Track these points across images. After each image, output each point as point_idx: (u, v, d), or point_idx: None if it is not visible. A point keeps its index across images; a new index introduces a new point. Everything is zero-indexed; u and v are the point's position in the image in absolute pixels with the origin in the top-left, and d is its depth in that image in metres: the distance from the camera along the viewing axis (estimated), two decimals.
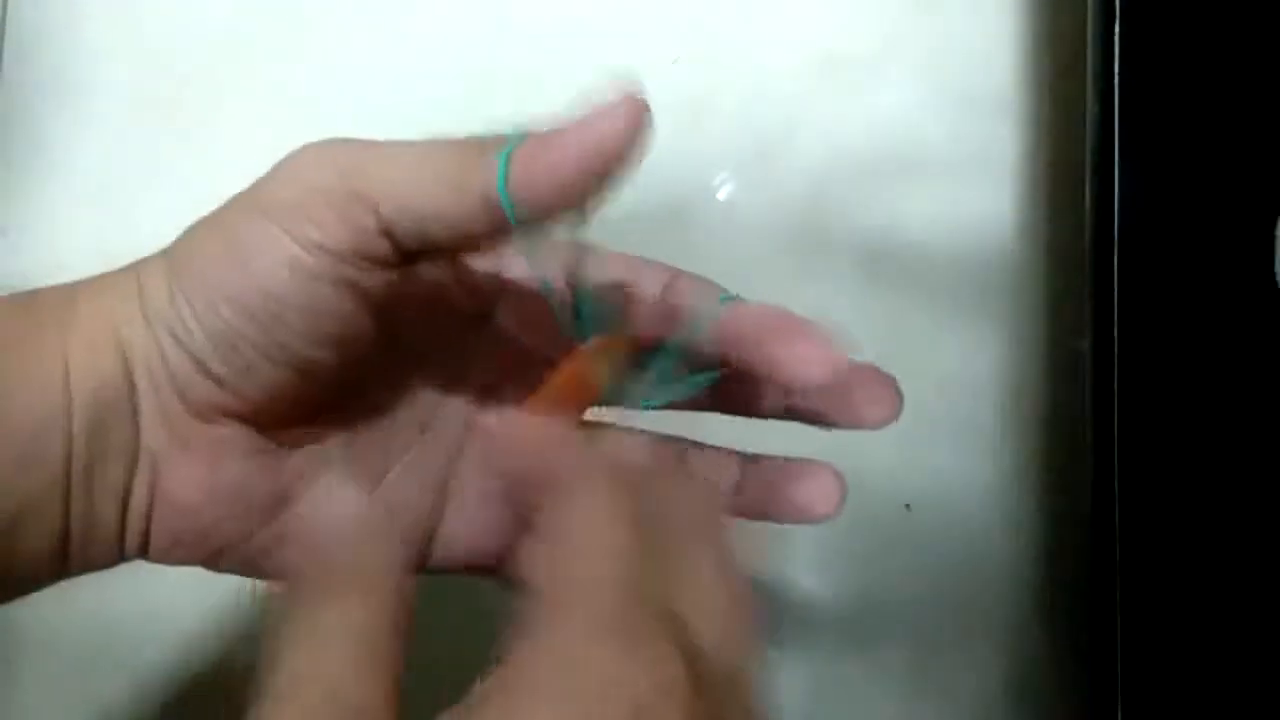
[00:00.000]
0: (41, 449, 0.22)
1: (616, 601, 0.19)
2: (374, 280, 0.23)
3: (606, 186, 0.22)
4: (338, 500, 0.25)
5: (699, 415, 0.28)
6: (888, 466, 0.38)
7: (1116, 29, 0.32)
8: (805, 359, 0.23)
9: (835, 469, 0.27)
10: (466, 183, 0.22)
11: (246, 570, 0.26)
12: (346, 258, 0.22)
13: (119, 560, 0.25)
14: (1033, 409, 0.39)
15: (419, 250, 0.23)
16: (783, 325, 0.24)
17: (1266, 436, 0.31)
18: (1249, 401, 0.32)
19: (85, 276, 0.25)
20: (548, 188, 0.22)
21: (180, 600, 0.38)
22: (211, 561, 0.25)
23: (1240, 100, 0.32)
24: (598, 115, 0.21)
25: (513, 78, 0.40)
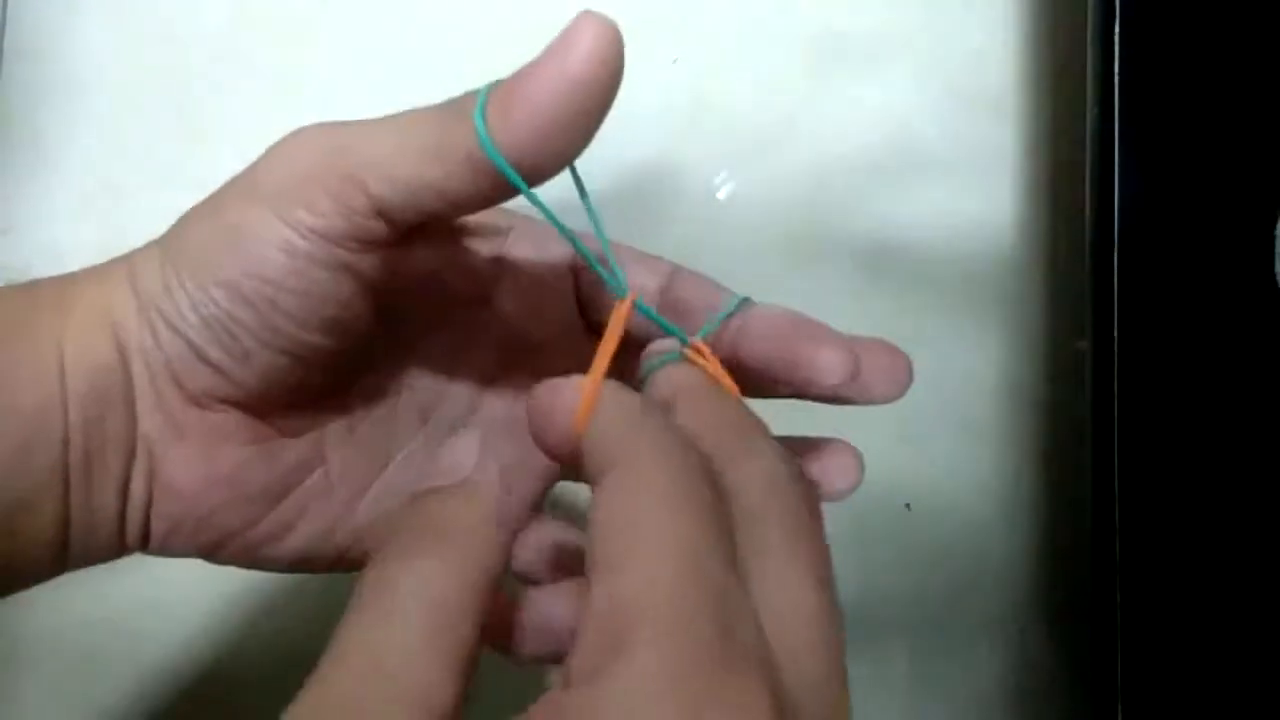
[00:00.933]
0: (40, 438, 0.22)
1: (694, 634, 0.16)
2: (368, 263, 0.23)
3: (590, 114, 0.21)
4: (461, 451, 0.23)
5: None
6: (888, 466, 0.38)
7: (1116, 29, 0.32)
8: (821, 363, 0.23)
9: (852, 446, 0.26)
10: (449, 145, 0.21)
11: (246, 561, 0.26)
12: (339, 240, 0.22)
13: (120, 552, 0.25)
14: (1033, 409, 0.39)
15: (418, 224, 0.23)
16: (795, 328, 0.24)
17: (1266, 436, 0.31)
18: (1249, 401, 0.32)
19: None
20: (529, 128, 0.21)
21: (180, 601, 0.38)
22: (211, 552, 0.25)
23: (1240, 100, 0.32)
24: (562, 42, 0.21)
25: None
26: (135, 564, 0.25)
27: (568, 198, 0.23)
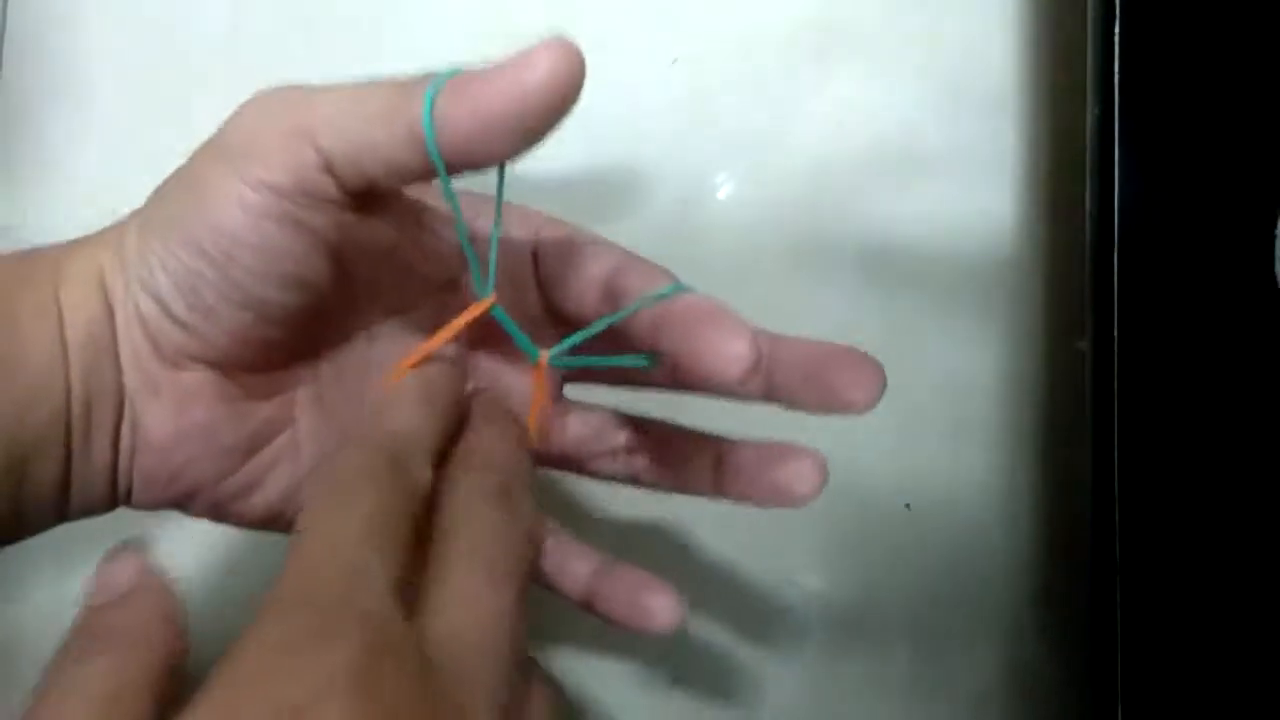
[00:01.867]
0: (46, 385, 0.24)
1: (318, 595, 0.19)
2: (321, 220, 0.24)
3: (530, 128, 0.22)
4: (114, 567, 0.23)
5: (692, 404, 0.28)
6: (888, 466, 0.38)
7: (1116, 29, 0.32)
8: (724, 353, 0.23)
9: (816, 452, 0.26)
10: (395, 115, 0.23)
11: (216, 515, 0.27)
12: (289, 195, 0.23)
13: (114, 503, 0.26)
14: (1033, 409, 0.39)
15: (366, 189, 0.24)
16: (705, 317, 0.24)
17: (1266, 436, 0.31)
18: (1249, 401, 0.32)
19: None
20: (470, 122, 0.22)
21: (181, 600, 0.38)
22: (182, 503, 0.26)
23: (1240, 100, 0.32)
24: (528, 55, 0.22)
25: None
26: None
27: (575, 196, 0.23)
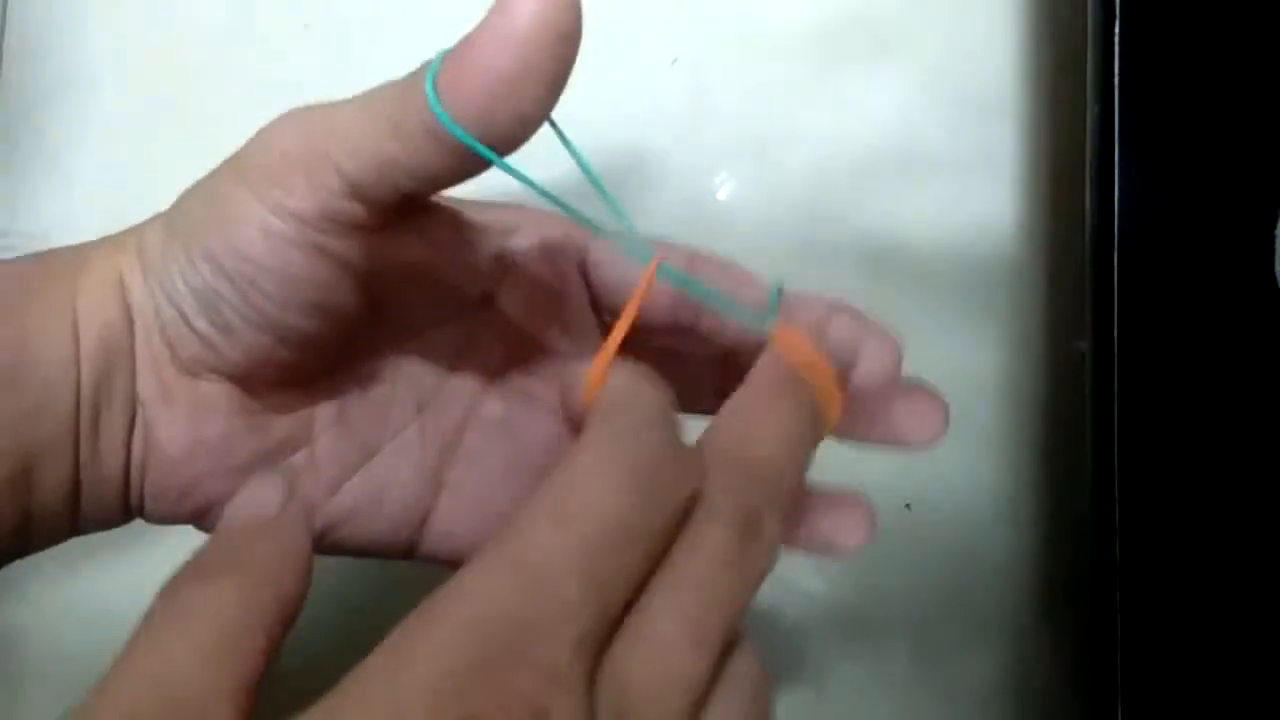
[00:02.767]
0: (55, 392, 0.23)
1: (486, 635, 0.17)
2: (347, 247, 0.23)
3: (545, 70, 0.20)
4: (261, 488, 0.23)
5: None
6: (888, 466, 0.38)
7: (1116, 29, 0.32)
8: (926, 431, 0.24)
9: (866, 503, 0.25)
10: (404, 117, 0.21)
11: None
12: (314, 222, 0.22)
13: (125, 515, 0.25)
14: (1033, 409, 0.39)
15: (398, 205, 0.22)
16: (893, 392, 0.24)
17: (1266, 436, 0.31)
18: (1249, 401, 0.32)
19: None
20: (480, 91, 0.20)
21: None
22: (197, 518, 0.26)
23: (1240, 100, 0.32)
24: (504, 2, 0.20)
25: None
26: (136, 565, 0.26)
27: (575, 197, 0.23)
